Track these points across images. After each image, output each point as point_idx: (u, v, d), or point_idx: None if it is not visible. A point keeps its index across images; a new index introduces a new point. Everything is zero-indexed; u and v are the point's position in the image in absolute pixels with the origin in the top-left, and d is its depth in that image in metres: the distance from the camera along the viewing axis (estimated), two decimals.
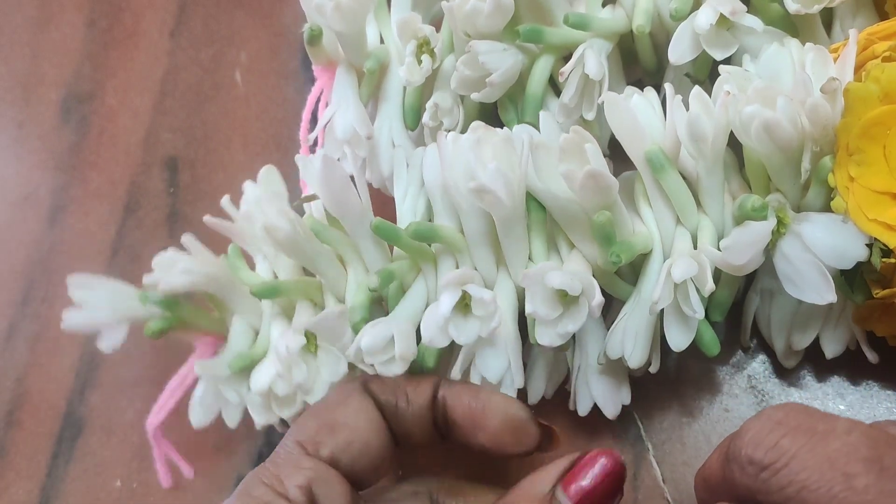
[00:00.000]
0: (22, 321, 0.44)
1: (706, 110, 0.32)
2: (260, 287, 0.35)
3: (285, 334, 0.34)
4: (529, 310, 0.32)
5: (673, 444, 0.38)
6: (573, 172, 0.31)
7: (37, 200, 0.46)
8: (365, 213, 0.34)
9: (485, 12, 0.35)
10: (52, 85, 0.49)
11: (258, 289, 0.35)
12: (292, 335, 0.34)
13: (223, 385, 0.36)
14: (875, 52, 0.33)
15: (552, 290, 0.32)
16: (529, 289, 0.32)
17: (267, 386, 0.34)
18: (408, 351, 0.33)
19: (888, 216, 0.30)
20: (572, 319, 0.32)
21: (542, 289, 0.32)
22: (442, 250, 0.35)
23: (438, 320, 0.32)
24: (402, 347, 0.33)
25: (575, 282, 0.32)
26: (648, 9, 0.37)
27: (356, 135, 0.38)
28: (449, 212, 0.35)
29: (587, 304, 0.32)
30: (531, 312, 0.32)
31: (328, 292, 0.36)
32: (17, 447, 0.41)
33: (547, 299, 0.32)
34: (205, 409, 0.36)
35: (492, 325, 0.32)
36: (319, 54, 0.39)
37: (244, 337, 0.36)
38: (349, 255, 0.35)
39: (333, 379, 0.34)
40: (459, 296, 0.32)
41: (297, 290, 0.36)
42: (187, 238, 0.36)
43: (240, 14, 0.50)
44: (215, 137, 0.47)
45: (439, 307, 0.32)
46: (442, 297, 0.32)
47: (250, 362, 0.36)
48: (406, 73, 0.37)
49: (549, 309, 0.32)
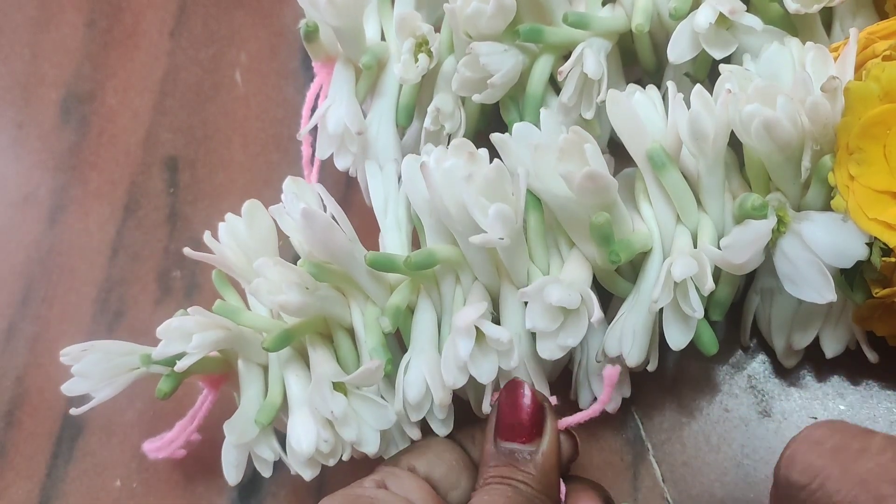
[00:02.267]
0: (22, 321, 0.44)
1: (707, 108, 0.32)
2: (272, 342, 0.34)
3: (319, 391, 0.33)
4: (529, 325, 0.32)
5: (673, 445, 0.38)
6: (572, 173, 0.31)
7: (37, 200, 0.47)
8: (355, 250, 0.34)
9: (487, 14, 0.35)
10: (51, 85, 0.49)
11: (271, 344, 0.34)
12: (331, 396, 0.33)
13: (255, 445, 0.35)
14: (875, 51, 0.33)
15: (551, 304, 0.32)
16: (529, 305, 0.32)
17: (313, 448, 0.33)
18: (445, 397, 0.33)
19: (888, 215, 0.30)
20: (572, 332, 0.32)
21: (542, 304, 0.32)
22: (442, 267, 0.35)
23: (458, 363, 0.33)
24: (439, 395, 0.33)
25: (573, 296, 0.32)
26: (648, 8, 0.37)
27: (347, 130, 0.38)
28: (439, 228, 0.35)
29: (587, 316, 0.32)
30: (531, 328, 0.32)
31: (335, 325, 0.36)
32: (17, 447, 0.41)
33: (546, 312, 0.32)
34: (238, 468, 0.36)
35: (511, 364, 0.33)
36: (318, 50, 0.39)
37: (257, 385, 0.36)
38: (348, 287, 0.35)
39: (381, 426, 0.34)
40: (474, 336, 0.32)
41: (305, 329, 0.35)
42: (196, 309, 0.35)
43: (240, 14, 0.50)
44: (215, 137, 0.47)
45: (458, 352, 0.32)
46: (458, 341, 0.32)
47: (275, 412, 0.35)
48: (401, 71, 0.37)
49: (548, 322, 0.32)
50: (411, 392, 0.34)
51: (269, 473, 0.36)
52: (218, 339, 0.34)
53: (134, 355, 0.35)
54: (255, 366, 0.36)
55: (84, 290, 0.44)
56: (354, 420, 0.34)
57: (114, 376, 0.35)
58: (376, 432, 0.34)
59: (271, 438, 0.36)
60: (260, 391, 0.36)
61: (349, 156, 0.38)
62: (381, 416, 0.34)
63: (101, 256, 0.45)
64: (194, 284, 0.44)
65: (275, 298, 0.33)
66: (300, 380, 0.35)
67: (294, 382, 0.35)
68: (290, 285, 0.33)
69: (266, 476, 0.36)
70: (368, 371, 0.33)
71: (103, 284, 0.44)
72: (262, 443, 0.35)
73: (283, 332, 0.34)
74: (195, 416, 0.37)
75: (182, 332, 0.34)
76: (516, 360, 0.33)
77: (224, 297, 0.37)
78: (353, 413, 0.34)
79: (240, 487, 0.39)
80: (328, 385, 0.33)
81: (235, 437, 0.35)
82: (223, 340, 0.34)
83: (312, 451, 0.33)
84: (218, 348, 0.35)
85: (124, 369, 0.35)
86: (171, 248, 0.45)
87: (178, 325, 0.34)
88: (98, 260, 0.45)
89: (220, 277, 0.37)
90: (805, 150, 0.32)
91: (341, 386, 0.34)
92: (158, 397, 0.35)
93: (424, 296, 0.35)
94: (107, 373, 0.35)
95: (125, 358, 0.35)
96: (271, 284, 0.33)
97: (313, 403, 0.34)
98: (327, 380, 0.33)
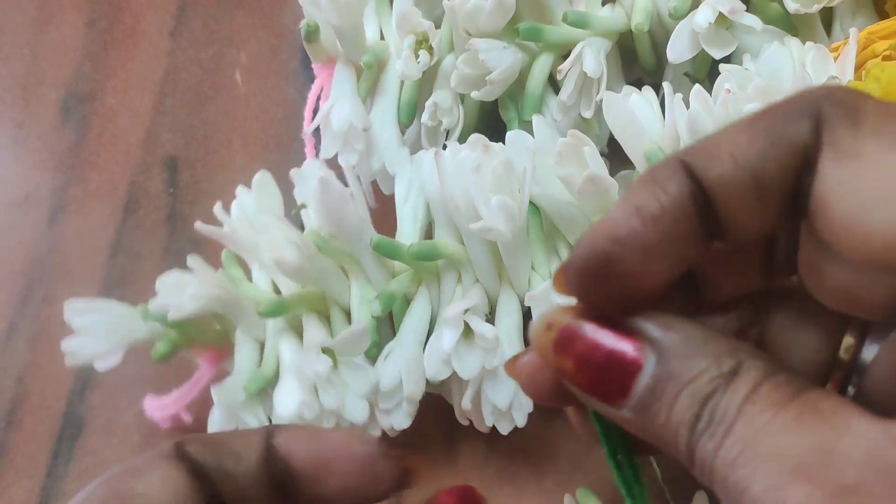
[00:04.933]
0: (22, 321, 0.44)
1: (706, 108, 0.32)
2: (267, 308, 0.34)
3: (307, 355, 0.34)
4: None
5: None
6: (572, 176, 0.31)
7: (36, 200, 0.46)
8: (364, 230, 0.34)
9: (486, 10, 0.35)
10: (51, 85, 0.49)
11: (265, 309, 0.34)
12: (317, 357, 0.33)
13: (241, 410, 0.35)
14: (875, 51, 0.33)
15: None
16: (535, 309, 0.32)
17: (295, 414, 0.33)
18: (416, 392, 0.33)
19: None
20: None
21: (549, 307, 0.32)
22: (445, 263, 0.35)
23: (441, 355, 0.32)
24: (410, 388, 0.33)
25: None
26: (647, 7, 0.37)
27: (353, 127, 0.38)
28: (449, 225, 0.35)
29: None
30: None
31: (333, 303, 0.36)
32: (17, 447, 0.41)
33: None
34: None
35: (494, 363, 0.32)
36: (318, 51, 0.39)
37: (251, 354, 0.36)
38: (351, 266, 0.35)
39: (364, 391, 0.34)
40: (462, 329, 0.32)
41: (302, 303, 0.35)
42: (194, 259, 0.35)
43: (240, 14, 0.50)
44: (215, 137, 0.47)
45: (442, 342, 0.32)
46: (444, 331, 0.32)
47: (265, 383, 0.35)
48: (403, 67, 0.37)
49: None
50: (385, 379, 0.33)
51: None
52: (214, 296, 0.34)
53: (136, 319, 0.35)
54: (252, 339, 0.36)
55: (84, 290, 0.44)
56: (340, 387, 0.34)
57: (115, 337, 0.35)
58: (362, 400, 0.34)
59: (258, 408, 0.35)
60: (253, 361, 0.36)
61: (354, 154, 0.38)
62: (366, 380, 0.34)
63: (101, 256, 0.45)
64: None
65: (273, 253, 0.33)
66: (293, 352, 0.35)
67: (286, 354, 0.35)
68: (291, 244, 0.33)
69: None
70: (354, 333, 0.33)
71: (103, 284, 0.44)
72: (248, 410, 0.35)
73: (279, 300, 0.34)
74: (191, 388, 0.37)
75: (181, 286, 0.34)
76: (500, 359, 0.33)
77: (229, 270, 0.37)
78: (339, 380, 0.34)
79: None
80: (317, 348, 0.33)
81: (222, 397, 0.35)
82: (220, 299, 0.34)
83: (294, 414, 0.33)
84: (214, 308, 0.35)
85: (125, 332, 0.35)
86: (171, 248, 0.44)
87: (177, 280, 0.34)
88: (98, 260, 0.45)
89: (229, 255, 0.37)
90: None
91: (330, 353, 0.34)
92: (155, 359, 0.34)
93: (423, 290, 0.35)
94: (108, 332, 0.35)
95: (128, 321, 0.35)
96: (272, 242, 0.33)
97: (299, 365, 0.34)
98: (317, 344, 0.34)
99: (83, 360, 0.35)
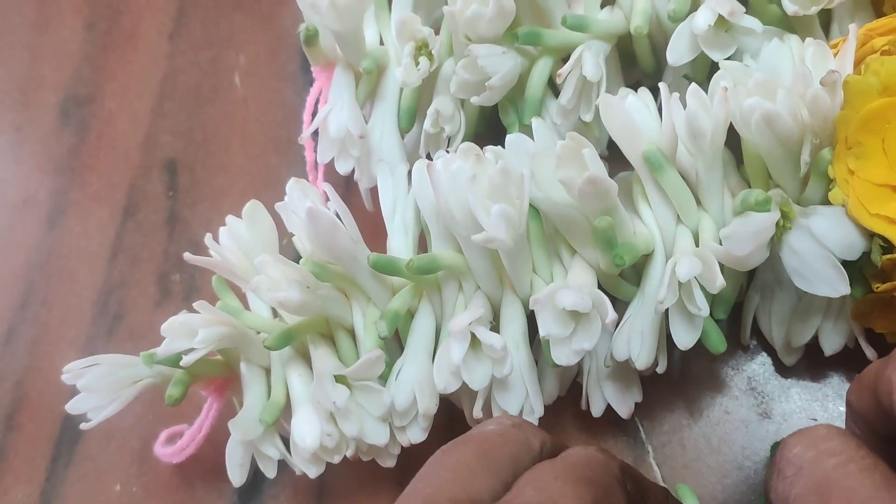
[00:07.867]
0: (21, 325, 0.44)
1: (704, 107, 0.32)
2: (273, 341, 0.34)
3: (322, 385, 0.33)
4: (543, 333, 0.32)
5: (673, 447, 0.38)
6: (571, 179, 0.31)
7: (36, 204, 0.46)
8: (359, 252, 0.34)
9: (487, 17, 0.35)
10: (50, 88, 0.49)
11: (272, 343, 0.34)
12: (333, 388, 0.33)
13: (259, 443, 0.35)
14: (874, 47, 0.33)
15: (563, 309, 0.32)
16: (540, 312, 0.32)
17: (318, 443, 0.33)
18: (431, 407, 0.33)
19: (889, 209, 0.30)
20: (586, 336, 0.32)
21: (554, 310, 0.32)
22: (444, 273, 0.35)
23: (451, 367, 0.32)
24: (425, 404, 0.33)
25: (585, 299, 0.32)
26: (646, 10, 0.37)
27: (349, 134, 0.38)
28: (445, 235, 0.35)
29: (599, 318, 0.32)
30: (545, 335, 0.32)
31: (336, 326, 0.35)
32: (17, 451, 0.41)
33: (558, 318, 0.32)
34: (242, 468, 0.35)
35: (504, 372, 0.33)
36: (317, 55, 0.39)
37: (260, 384, 0.36)
38: (351, 288, 0.35)
39: (380, 413, 0.34)
40: (468, 341, 0.32)
41: (306, 329, 0.35)
42: (201, 304, 0.35)
43: (238, 17, 0.50)
44: (214, 140, 0.47)
45: (450, 355, 0.32)
46: (452, 344, 0.32)
47: (279, 412, 0.35)
48: (402, 75, 0.37)
49: (561, 328, 0.32)
50: (399, 399, 0.34)
51: (273, 474, 0.35)
52: (223, 334, 0.34)
53: (138, 366, 0.35)
54: (258, 367, 0.36)
55: (83, 293, 0.44)
56: (357, 412, 0.34)
57: (119, 389, 0.35)
58: (382, 424, 0.34)
59: (275, 438, 0.35)
60: (263, 391, 0.36)
61: (350, 160, 0.38)
62: (381, 402, 0.34)
63: (101, 259, 0.45)
64: (193, 287, 0.44)
65: (275, 295, 0.33)
66: (303, 379, 0.35)
67: (297, 382, 0.35)
68: (291, 283, 0.33)
69: (270, 476, 0.36)
70: (368, 361, 0.33)
71: (103, 287, 0.44)
72: (267, 441, 0.35)
73: (284, 331, 0.34)
74: (202, 425, 0.37)
75: (187, 328, 0.33)
76: (509, 367, 0.33)
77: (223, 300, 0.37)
78: (355, 406, 0.34)
79: (240, 491, 0.38)
80: (330, 378, 0.33)
81: (241, 433, 0.34)
82: (228, 337, 0.34)
83: (317, 445, 0.33)
84: (223, 345, 0.35)
85: (129, 381, 0.35)
86: (171, 250, 0.44)
87: (183, 322, 0.33)
88: (97, 263, 0.45)
89: (220, 282, 0.37)
90: (805, 144, 0.32)
91: (343, 380, 0.34)
92: (168, 403, 0.34)
93: (426, 302, 0.35)
94: (112, 385, 0.34)
95: (129, 370, 0.35)
96: (272, 281, 0.33)
97: (316, 397, 0.33)
98: (329, 373, 0.33)
99: (95, 419, 0.35)
